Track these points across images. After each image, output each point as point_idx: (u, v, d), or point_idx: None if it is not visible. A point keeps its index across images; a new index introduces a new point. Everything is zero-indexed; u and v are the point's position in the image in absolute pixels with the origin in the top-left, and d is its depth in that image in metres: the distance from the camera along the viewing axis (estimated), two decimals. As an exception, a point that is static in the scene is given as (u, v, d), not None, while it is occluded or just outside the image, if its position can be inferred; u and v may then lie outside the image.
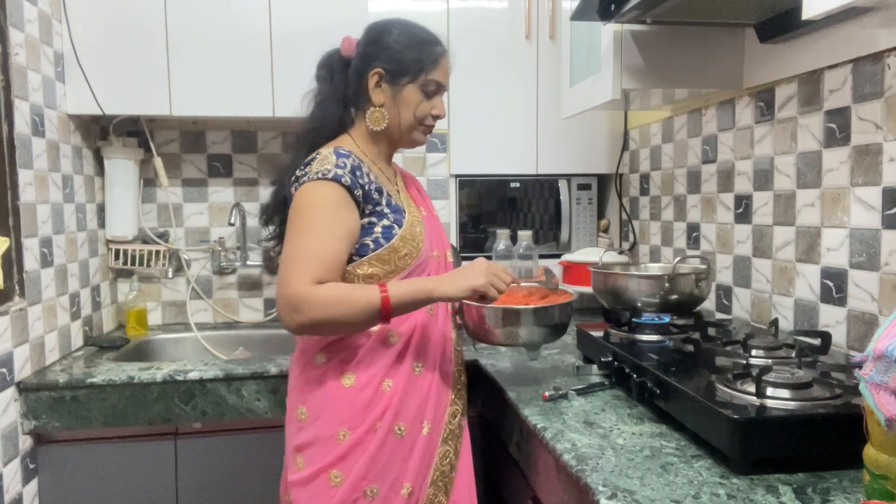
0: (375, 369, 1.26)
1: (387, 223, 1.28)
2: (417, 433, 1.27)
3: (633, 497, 0.87)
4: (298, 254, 1.19)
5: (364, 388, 1.25)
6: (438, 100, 1.37)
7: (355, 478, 1.22)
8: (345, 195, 1.23)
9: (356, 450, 1.23)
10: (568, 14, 1.87)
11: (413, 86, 1.33)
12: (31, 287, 1.66)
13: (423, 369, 1.30)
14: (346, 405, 1.24)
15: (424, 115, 1.35)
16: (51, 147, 1.81)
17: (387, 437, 1.24)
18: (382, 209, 1.29)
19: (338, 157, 1.26)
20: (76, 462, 1.68)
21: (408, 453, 1.26)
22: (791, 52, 1.52)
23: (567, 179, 2.41)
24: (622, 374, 1.30)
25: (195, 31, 2.02)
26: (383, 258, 1.27)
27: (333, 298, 1.16)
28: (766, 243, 1.63)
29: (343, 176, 1.23)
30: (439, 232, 1.43)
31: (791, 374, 1.04)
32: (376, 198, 1.28)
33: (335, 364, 1.27)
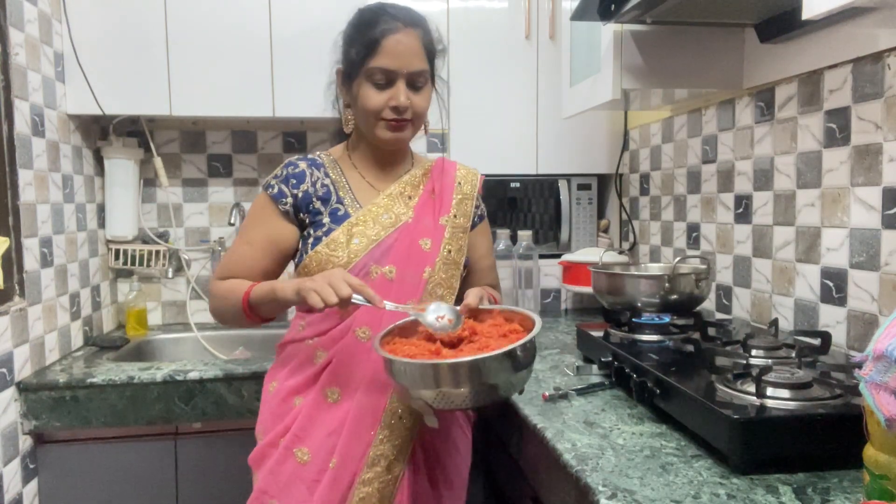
0: (292, 382, 1.25)
1: (319, 234, 1.25)
2: (325, 465, 1.18)
3: (633, 497, 0.87)
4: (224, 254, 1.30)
5: (274, 397, 1.26)
6: (397, 89, 1.21)
7: (257, 490, 1.23)
8: (269, 204, 1.26)
9: (263, 460, 1.24)
10: (568, 14, 1.87)
11: (360, 80, 1.22)
12: (31, 287, 1.66)
13: (339, 398, 1.21)
14: (264, 408, 1.29)
15: (377, 108, 1.22)
16: (51, 147, 1.81)
17: (287, 457, 1.20)
18: (322, 219, 1.26)
19: (285, 165, 1.29)
20: (76, 462, 1.68)
21: (313, 483, 1.18)
22: (791, 52, 1.52)
23: (567, 179, 2.41)
24: (622, 374, 1.30)
25: (195, 31, 2.02)
26: (306, 271, 1.24)
27: (221, 292, 1.25)
28: (766, 243, 1.63)
29: (272, 186, 1.27)
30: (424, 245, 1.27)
31: (791, 374, 1.04)
32: (317, 207, 1.26)
33: (273, 368, 1.33)
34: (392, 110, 1.22)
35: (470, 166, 1.44)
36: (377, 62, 1.20)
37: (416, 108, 1.25)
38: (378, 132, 1.25)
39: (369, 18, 1.23)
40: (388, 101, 1.21)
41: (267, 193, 1.27)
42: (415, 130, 1.31)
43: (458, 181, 1.37)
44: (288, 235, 1.27)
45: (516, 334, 1.11)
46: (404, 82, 1.22)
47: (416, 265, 1.26)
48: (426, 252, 1.28)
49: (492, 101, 2.32)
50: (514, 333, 1.12)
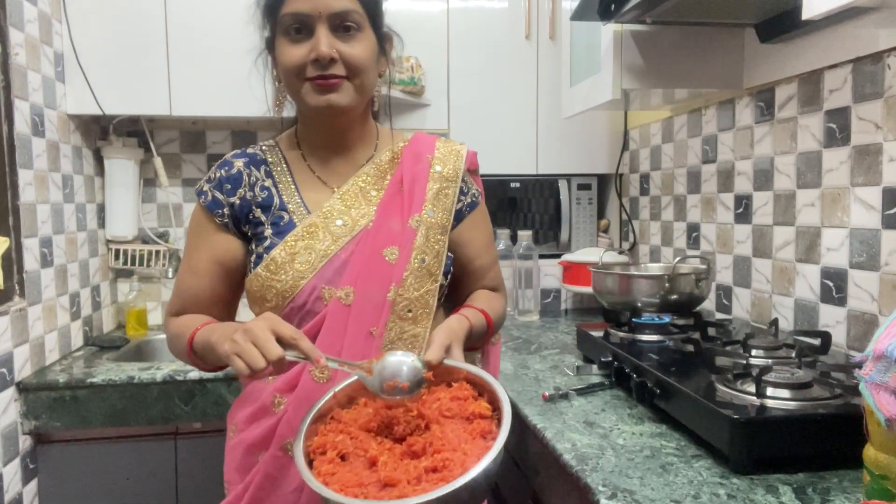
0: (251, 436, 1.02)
1: (260, 251, 1.02)
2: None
3: (633, 497, 0.87)
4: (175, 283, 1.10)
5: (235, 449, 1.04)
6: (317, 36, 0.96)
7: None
8: (204, 218, 1.06)
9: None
10: (568, 14, 1.87)
11: (277, 37, 1.00)
12: (31, 287, 1.66)
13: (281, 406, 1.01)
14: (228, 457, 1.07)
15: (297, 64, 0.97)
16: (51, 147, 1.81)
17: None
18: (263, 231, 1.03)
19: (220, 166, 1.07)
20: (76, 462, 1.68)
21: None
22: (791, 52, 1.52)
23: (567, 179, 2.41)
24: (622, 374, 1.30)
25: (195, 31, 2.02)
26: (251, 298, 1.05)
27: (171, 332, 1.05)
28: (766, 243, 1.63)
29: (205, 193, 1.06)
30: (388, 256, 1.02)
31: (791, 374, 1.04)
32: (257, 216, 1.03)
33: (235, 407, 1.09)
34: (314, 64, 0.96)
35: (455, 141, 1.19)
36: (287, 7, 0.96)
37: (347, 58, 0.97)
38: (306, 97, 0.99)
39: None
40: (309, 53, 0.96)
41: (200, 203, 1.06)
42: (359, 93, 1.01)
43: (434, 165, 1.09)
44: (234, 251, 1.05)
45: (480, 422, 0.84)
46: (326, 27, 0.96)
47: (378, 283, 1.01)
48: (391, 265, 1.02)
49: (492, 102, 2.32)
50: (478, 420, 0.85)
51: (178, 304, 1.07)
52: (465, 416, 0.86)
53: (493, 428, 0.84)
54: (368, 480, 0.78)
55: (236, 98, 2.04)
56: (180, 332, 1.02)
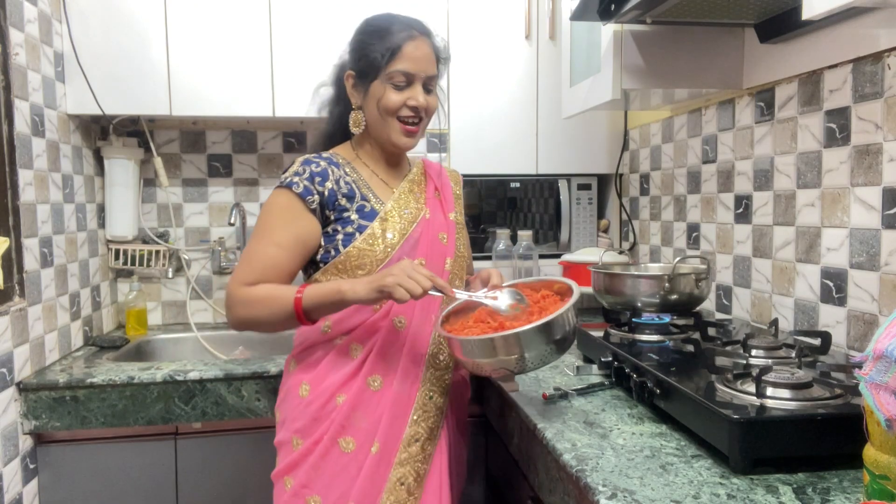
0: (329, 382, 1.26)
1: (350, 230, 1.28)
2: (367, 452, 1.24)
3: (633, 497, 0.87)
4: (243, 257, 1.28)
5: (314, 401, 1.26)
6: (415, 90, 1.30)
7: (297, 485, 1.24)
8: (296, 202, 1.26)
9: (304, 458, 1.25)
10: (568, 14, 1.87)
11: (378, 82, 1.29)
12: (31, 287, 1.66)
13: (381, 385, 1.27)
14: (300, 415, 1.27)
15: (394, 107, 1.29)
16: (51, 147, 1.81)
17: (331, 450, 1.23)
18: (349, 216, 1.29)
19: (305, 163, 1.29)
20: (76, 462, 1.68)
21: (357, 471, 1.23)
22: (791, 52, 1.52)
23: (567, 179, 2.41)
24: (622, 374, 1.30)
25: (195, 31, 2.02)
26: (339, 267, 1.27)
27: (256, 298, 1.23)
28: (766, 243, 1.63)
29: (296, 183, 1.26)
30: (444, 238, 1.37)
31: (791, 374, 1.04)
32: (343, 204, 1.29)
33: (299, 372, 1.31)
34: (410, 109, 1.30)
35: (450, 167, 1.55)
36: (398, 66, 1.28)
37: (429, 109, 1.33)
38: (393, 135, 1.32)
39: (384, 26, 1.30)
40: (407, 100, 1.29)
41: (292, 191, 1.26)
42: (422, 133, 1.37)
43: (451, 182, 1.47)
44: (316, 233, 1.28)
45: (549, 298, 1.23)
46: (421, 85, 1.30)
47: (439, 257, 1.34)
48: (445, 245, 1.36)
49: (492, 102, 2.32)
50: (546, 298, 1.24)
51: (254, 274, 1.25)
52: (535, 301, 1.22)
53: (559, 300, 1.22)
54: None
55: (236, 98, 2.05)
56: (270, 294, 1.22)
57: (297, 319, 1.22)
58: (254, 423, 1.74)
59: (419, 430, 1.29)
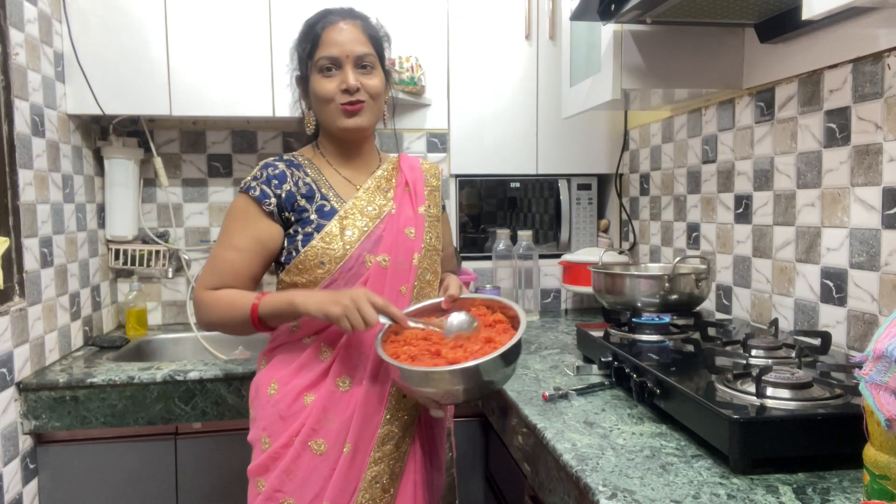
0: (296, 382, 1.26)
1: (309, 230, 1.28)
2: (339, 452, 1.23)
3: (633, 497, 0.87)
4: (208, 261, 1.31)
5: (281, 400, 1.26)
6: (345, 73, 1.28)
7: (270, 488, 1.23)
8: (252, 206, 1.28)
9: (274, 462, 1.24)
10: (568, 14, 1.87)
11: (313, 75, 1.31)
12: (31, 287, 1.66)
13: (350, 386, 1.26)
14: (267, 413, 1.27)
15: (327, 94, 1.29)
16: (51, 147, 1.81)
17: (302, 453, 1.23)
18: (309, 216, 1.29)
19: (263, 167, 1.31)
20: (76, 462, 1.68)
21: (329, 472, 1.23)
22: (791, 52, 1.52)
23: (567, 179, 2.41)
24: (622, 374, 1.30)
25: (195, 31, 2.02)
26: (300, 267, 1.27)
27: (218, 303, 1.26)
28: (766, 243, 1.63)
29: (253, 187, 1.28)
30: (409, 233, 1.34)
31: (791, 374, 1.04)
32: (303, 205, 1.29)
33: (269, 370, 1.31)
34: (344, 93, 1.28)
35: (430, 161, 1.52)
36: (321, 53, 1.29)
37: (367, 89, 1.30)
38: (337, 121, 1.31)
39: (312, 20, 1.33)
40: (339, 84, 1.28)
41: (249, 195, 1.28)
42: (374, 116, 1.34)
43: (426, 174, 1.45)
44: (275, 235, 1.29)
45: (500, 324, 1.23)
46: (351, 66, 1.29)
47: (405, 252, 1.33)
48: (412, 240, 1.35)
49: (492, 102, 2.32)
50: (498, 324, 1.24)
51: (215, 279, 1.27)
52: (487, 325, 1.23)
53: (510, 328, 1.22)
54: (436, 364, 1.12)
55: (236, 98, 2.05)
56: (232, 300, 1.25)
57: (254, 327, 1.24)
58: (254, 423, 1.74)
59: (393, 429, 1.28)
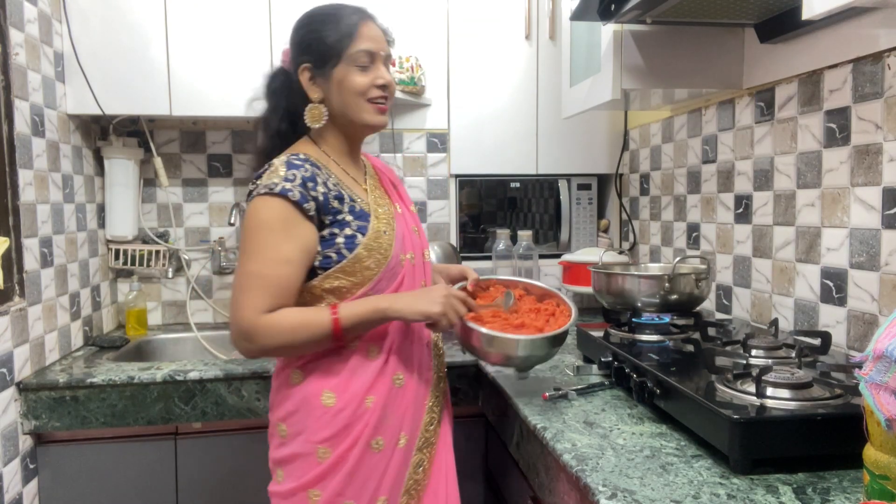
0: (357, 386, 1.22)
1: (349, 232, 1.22)
2: (394, 446, 1.25)
3: (633, 497, 0.87)
4: (247, 281, 1.17)
5: (345, 408, 1.21)
6: (379, 69, 1.27)
7: (332, 494, 1.20)
8: (293, 211, 1.18)
9: (335, 468, 1.21)
10: (568, 14, 1.87)
11: (341, 66, 1.24)
12: (31, 287, 1.66)
13: (403, 381, 1.27)
14: (326, 423, 1.21)
15: (363, 88, 1.24)
16: (51, 147, 1.81)
17: (364, 453, 1.22)
18: (344, 217, 1.23)
19: (288, 167, 1.20)
20: (76, 462, 1.68)
21: (385, 467, 1.23)
22: (791, 52, 1.52)
23: (567, 179, 2.41)
24: (622, 374, 1.30)
25: (195, 31, 2.02)
26: (347, 270, 1.22)
27: (285, 326, 1.16)
28: (766, 243, 1.63)
29: (291, 190, 1.17)
30: (414, 230, 1.36)
31: (791, 374, 1.04)
32: (336, 206, 1.22)
33: (314, 381, 1.23)
34: (378, 88, 1.26)
35: None
36: (360, 46, 1.24)
37: (392, 88, 1.30)
38: (365, 115, 1.27)
39: (334, 13, 1.27)
40: (374, 80, 1.25)
41: (287, 199, 1.17)
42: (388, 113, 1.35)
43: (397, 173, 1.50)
44: (315, 240, 1.21)
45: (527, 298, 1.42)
46: (382, 63, 1.28)
47: (420, 249, 1.35)
48: (418, 237, 1.37)
49: (492, 102, 2.32)
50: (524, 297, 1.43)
51: (270, 300, 1.17)
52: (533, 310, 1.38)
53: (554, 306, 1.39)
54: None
55: (236, 98, 2.05)
56: (301, 320, 1.18)
57: (334, 341, 1.19)
58: (254, 423, 1.74)
59: (433, 416, 1.33)
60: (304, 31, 1.29)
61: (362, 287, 1.23)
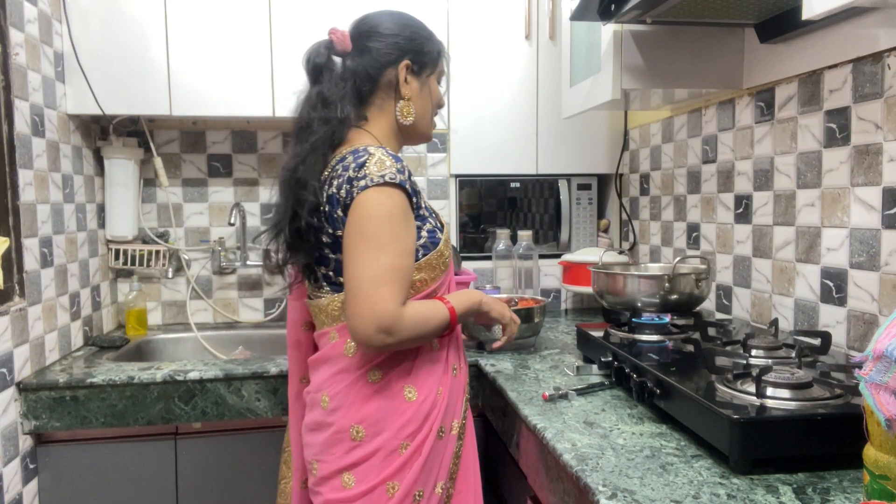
0: (432, 379, 1.25)
1: (430, 226, 1.26)
2: (449, 433, 1.29)
3: (633, 497, 0.87)
4: (384, 274, 1.13)
5: (426, 399, 1.23)
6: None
7: (408, 483, 1.19)
8: (408, 203, 1.19)
9: (412, 458, 1.20)
10: (568, 14, 1.88)
11: (433, 77, 1.36)
12: (31, 287, 1.66)
13: (457, 370, 1.32)
14: (411, 418, 1.21)
15: (441, 104, 1.40)
16: (51, 147, 1.81)
17: (435, 442, 1.24)
18: (423, 212, 1.26)
19: (394, 159, 1.19)
20: (76, 462, 1.68)
21: (443, 453, 1.26)
22: (791, 52, 1.52)
23: (567, 179, 2.41)
24: (622, 374, 1.30)
25: (195, 31, 2.02)
26: (432, 263, 1.24)
27: (419, 318, 1.18)
28: (766, 243, 1.63)
29: (406, 182, 1.18)
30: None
31: (791, 374, 1.04)
32: (420, 202, 1.26)
33: (394, 378, 1.22)
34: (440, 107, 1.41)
35: None
36: (444, 66, 1.40)
37: None
38: (430, 127, 1.39)
39: (429, 30, 1.37)
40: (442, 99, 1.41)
41: (404, 190, 1.18)
42: None
43: None
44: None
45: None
46: None
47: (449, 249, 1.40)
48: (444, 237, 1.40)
49: (492, 102, 2.32)
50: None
51: (405, 291, 1.17)
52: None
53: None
54: None
55: (236, 98, 2.05)
56: (426, 311, 1.21)
57: (448, 331, 1.25)
58: (254, 423, 1.74)
59: (468, 403, 1.37)
60: (407, 32, 1.32)
61: (436, 281, 1.26)
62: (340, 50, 1.29)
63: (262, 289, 2.38)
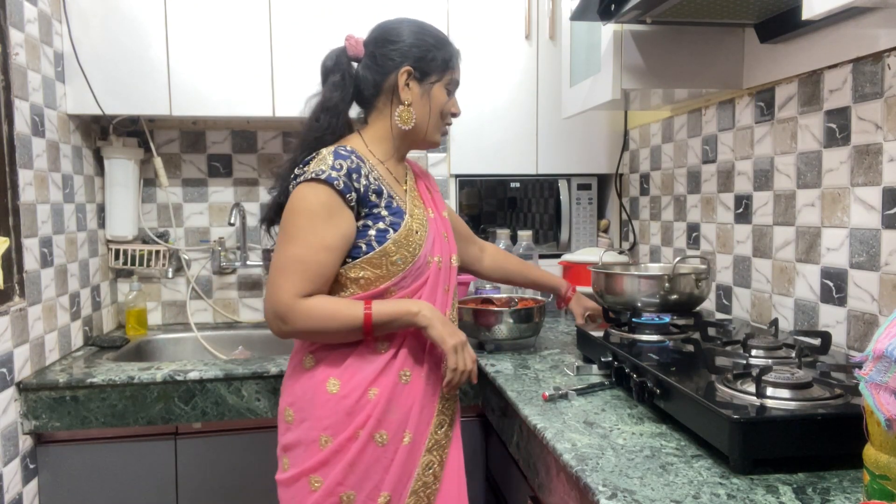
0: (361, 377, 1.26)
1: (382, 226, 1.27)
2: (399, 442, 1.27)
3: (633, 497, 0.87)
4: (287, 264, 1.22)
5: (348, 396, 1.25)
6: (455, 100, 1.40)
7: (332, 483, 1.23)
8: (337, 199, 1.22)
9: (336, 456, 1.23)
10: (568, 14, 1.87)
11: (440, 84, 1.35)
12: (31, 287, 1.66)
13: (410, 378, 1.30)
14: (330, 411, 1.25)
15: (447, 111, 1.38)
16: (51, 147, 1.81)
17: (367, 445, 1.24)
18: (380, 212, 1.28)
19: (336, 157, 1.25)
20: (76, 462, 1.68)
21: (389, 462, 1.26)
22: (791, 52, 1.52)
23: (567, 179, 2.41)
24: (622, 374, 1.30)
25: (195, 31, 2.02)
26: (374, 262, 1.26)
27: (319, 313, 1.21)
28: (766, 243, 1.63)
29: (336, 179, 1.22)
30: (445, 235, 1.41)
31: (791, 374, 1.04)
32: (374, 200, 1.27)
33: (322, 368, 1.28)
34: (452, 115, 1.40)
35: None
36: (455, 76, 1.38)
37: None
38: (436, 135, 1.39)
39: (440, 37, 1.37)
40: (451, 107, 1.39)
41: (332, 187, 1.22)
42: None
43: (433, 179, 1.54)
44: (354, 229, 1.26)
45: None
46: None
47: (448, 254, 1.40)
48: (448, 242, 1.41)
49: (492, 102, 2.32)
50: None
51: (308, 285, 1.21)
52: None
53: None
54: None
55: (236, 98, 2.05)
56: (334, 309, 1.23)
57: (363, 335, 1.24)
58: (254, 423, 1.74)
59: (444, 417, 1.35)
60: (414, 39, 1.34)
61: (387, 280, 1.27)
62: (353, 55, 1.35)
63: (262, 289, 2.38)
